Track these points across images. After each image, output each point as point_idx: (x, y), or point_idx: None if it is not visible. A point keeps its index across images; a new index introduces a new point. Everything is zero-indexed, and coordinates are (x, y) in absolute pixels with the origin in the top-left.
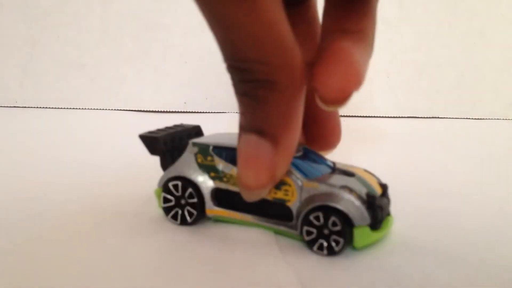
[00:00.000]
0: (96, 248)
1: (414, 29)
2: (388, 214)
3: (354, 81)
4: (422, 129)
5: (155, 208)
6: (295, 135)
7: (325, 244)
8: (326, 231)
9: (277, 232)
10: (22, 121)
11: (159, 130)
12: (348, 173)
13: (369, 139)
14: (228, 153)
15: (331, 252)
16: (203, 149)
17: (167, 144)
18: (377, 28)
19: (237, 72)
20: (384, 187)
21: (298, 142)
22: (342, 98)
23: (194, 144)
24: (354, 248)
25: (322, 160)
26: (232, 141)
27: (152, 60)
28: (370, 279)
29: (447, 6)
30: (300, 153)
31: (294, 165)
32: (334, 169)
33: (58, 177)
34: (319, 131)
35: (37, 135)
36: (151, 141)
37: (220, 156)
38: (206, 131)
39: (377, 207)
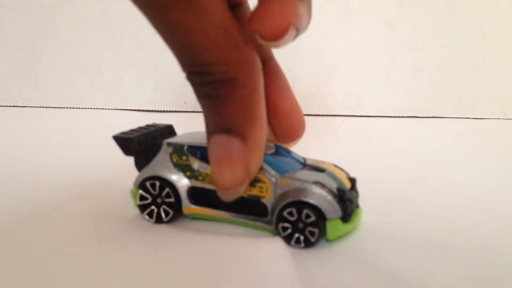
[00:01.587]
0: (86, 249)
1: (414, 28)
2: (357, 206)
3: (290, 15)
4: (422, 129)
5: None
6: (261, 128)
7: (302, 237)
8: (300, 225)
9: (253, 228)
10: (22, 121)
11: (132, 131)
12: (319, 169)
13: (369, 139)
14: (203, 152)
15: (308, 244)
16: (178, 149)
17: (140, 144)
18: (377, 28)
19: (197, 77)
20: (352, 181)
21: (268, 140)
22: (280, 32)
23: (169, 144)
24: (327, 240)
25: (294, 157)
26: (206, 140)
27: (152, 60)
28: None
29: (447, 5)
30: (272, 151)
31: (267, 162)
32: (305, 165)
33: (58, 177)
34: (284, 124)
35: (37, 135)
36: (125, 141)
37: (194, 155)
38: None
39: (347, 200)
